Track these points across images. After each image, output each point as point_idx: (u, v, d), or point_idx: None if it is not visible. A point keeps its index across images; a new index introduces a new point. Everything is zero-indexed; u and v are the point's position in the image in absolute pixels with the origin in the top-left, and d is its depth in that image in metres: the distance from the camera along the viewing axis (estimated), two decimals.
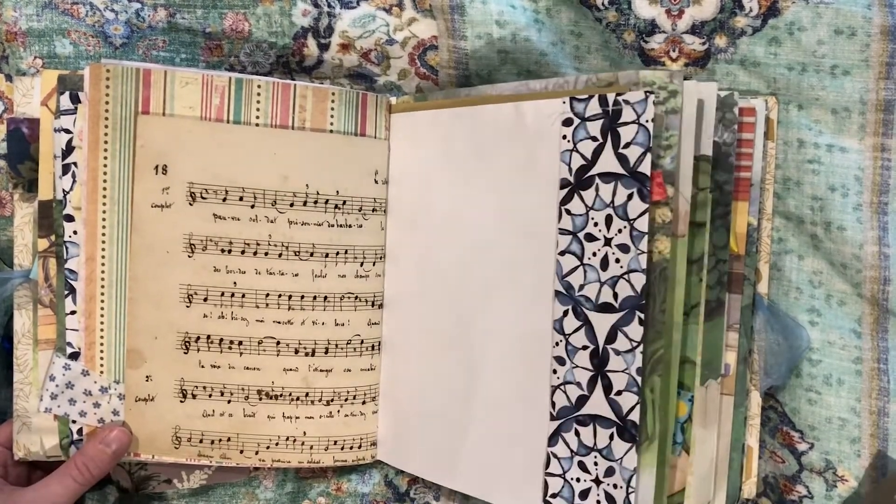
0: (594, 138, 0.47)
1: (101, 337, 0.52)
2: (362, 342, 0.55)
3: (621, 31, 0.53)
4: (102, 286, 0.52)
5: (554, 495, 0.49)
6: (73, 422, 0.53)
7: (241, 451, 0.54)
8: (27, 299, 0.53)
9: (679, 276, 0.46)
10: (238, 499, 0.58)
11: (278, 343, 0.54)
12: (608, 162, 0.47)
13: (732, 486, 0.51)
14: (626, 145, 0.46)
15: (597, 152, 0.47)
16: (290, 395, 0.54)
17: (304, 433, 0.55)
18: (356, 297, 0.55)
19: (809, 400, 0.52)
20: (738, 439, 0.51)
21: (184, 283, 0.53)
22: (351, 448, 0.56)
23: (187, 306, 0.53)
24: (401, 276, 0.56)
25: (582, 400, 0.48)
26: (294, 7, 0.54)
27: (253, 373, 0.54)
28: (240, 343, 0.54)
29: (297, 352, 0.54)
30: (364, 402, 0.56)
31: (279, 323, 0.54)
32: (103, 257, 0.52)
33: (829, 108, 0.50)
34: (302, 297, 0.54)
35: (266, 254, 0.53)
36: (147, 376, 0.53)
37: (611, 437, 0.47)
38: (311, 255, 0.54)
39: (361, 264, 0.55)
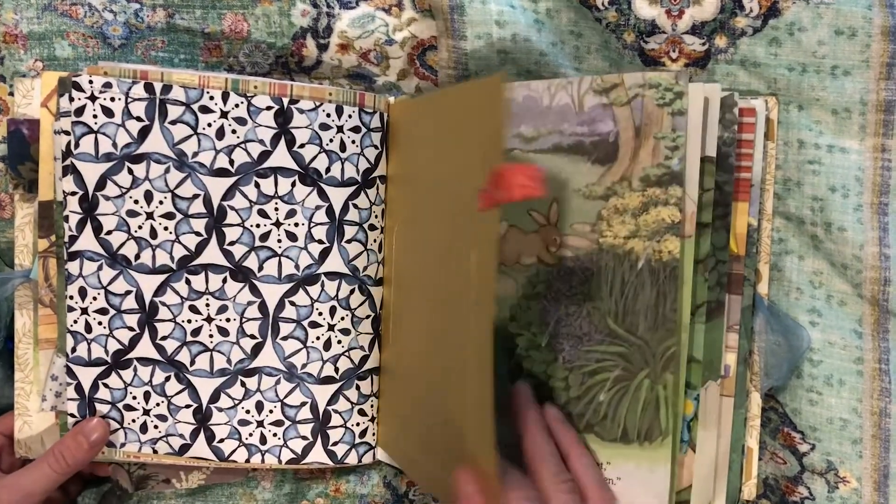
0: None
1: None
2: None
3: (621, 31, 0.53)
4: None
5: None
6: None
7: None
8: (28, 299, 0.53)
9: (687, 276, 0.47)
10: (236, 499, 0.58)
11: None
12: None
13: (732, 487, 0.51)
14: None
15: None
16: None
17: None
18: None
19: (810, 400, 0.52)
20: (738, 440, 0.51)
21: None
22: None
23: None
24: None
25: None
26: (293, 7, 0.54)
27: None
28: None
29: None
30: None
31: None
32: None
33: (829, 109, 0.50)
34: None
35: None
36: None
37: None
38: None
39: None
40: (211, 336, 0.53)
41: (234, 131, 0.52)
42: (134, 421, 0.53)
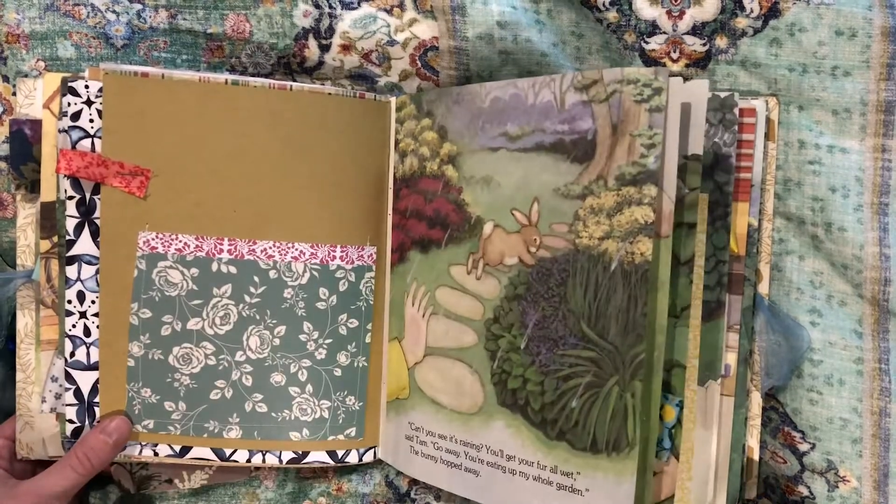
0: None
1: None
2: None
3: (622, 31, 0.53)
4: None
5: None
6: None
7: None
8: (30, 300, 0.53)
9: (662, 278, 0.45)
10: (238, 499, 0.58)
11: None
12: None
13: (733, 487, 0.51)
14: None
15: None
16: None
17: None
18: None
19: (811, 400, 0.52)
20: (738, 440, 0.51)
21: None
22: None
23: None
24: None
25: None
26: (295, 8, 0.54)
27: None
28: None
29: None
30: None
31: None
32: None
33: (829, 109, 0.50)
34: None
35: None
36: None
37: None
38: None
39: None
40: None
41: None
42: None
